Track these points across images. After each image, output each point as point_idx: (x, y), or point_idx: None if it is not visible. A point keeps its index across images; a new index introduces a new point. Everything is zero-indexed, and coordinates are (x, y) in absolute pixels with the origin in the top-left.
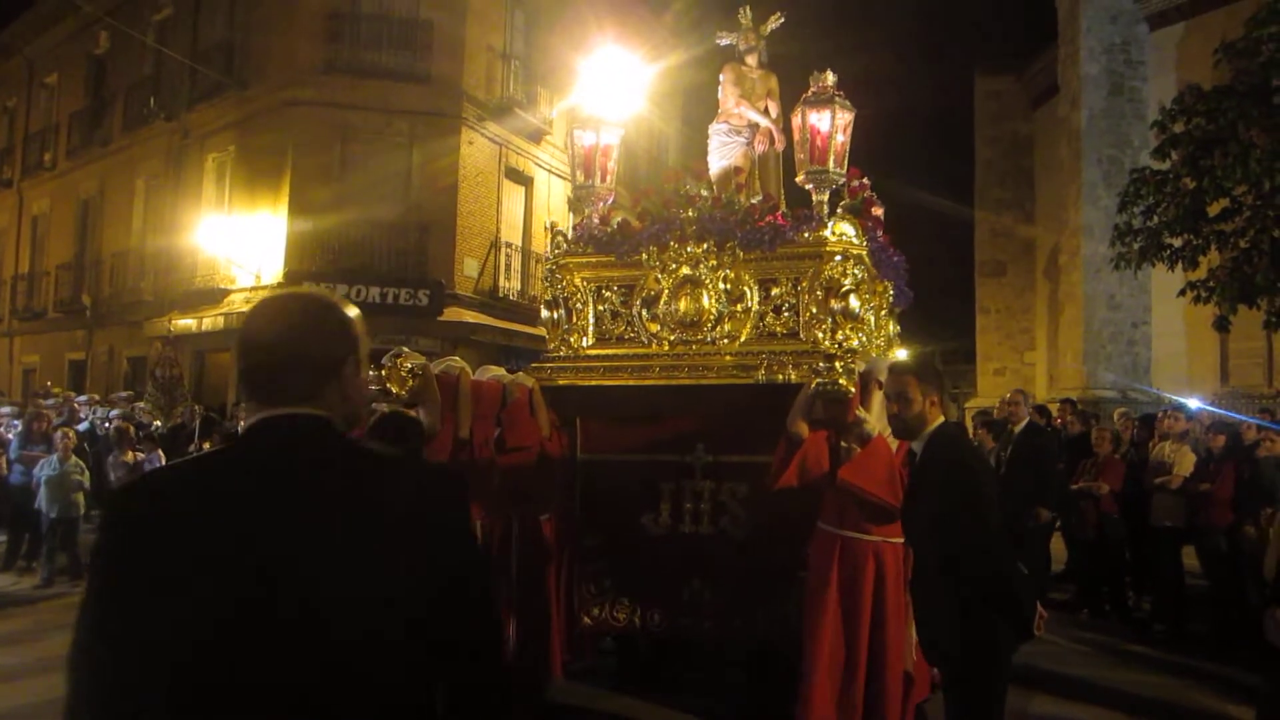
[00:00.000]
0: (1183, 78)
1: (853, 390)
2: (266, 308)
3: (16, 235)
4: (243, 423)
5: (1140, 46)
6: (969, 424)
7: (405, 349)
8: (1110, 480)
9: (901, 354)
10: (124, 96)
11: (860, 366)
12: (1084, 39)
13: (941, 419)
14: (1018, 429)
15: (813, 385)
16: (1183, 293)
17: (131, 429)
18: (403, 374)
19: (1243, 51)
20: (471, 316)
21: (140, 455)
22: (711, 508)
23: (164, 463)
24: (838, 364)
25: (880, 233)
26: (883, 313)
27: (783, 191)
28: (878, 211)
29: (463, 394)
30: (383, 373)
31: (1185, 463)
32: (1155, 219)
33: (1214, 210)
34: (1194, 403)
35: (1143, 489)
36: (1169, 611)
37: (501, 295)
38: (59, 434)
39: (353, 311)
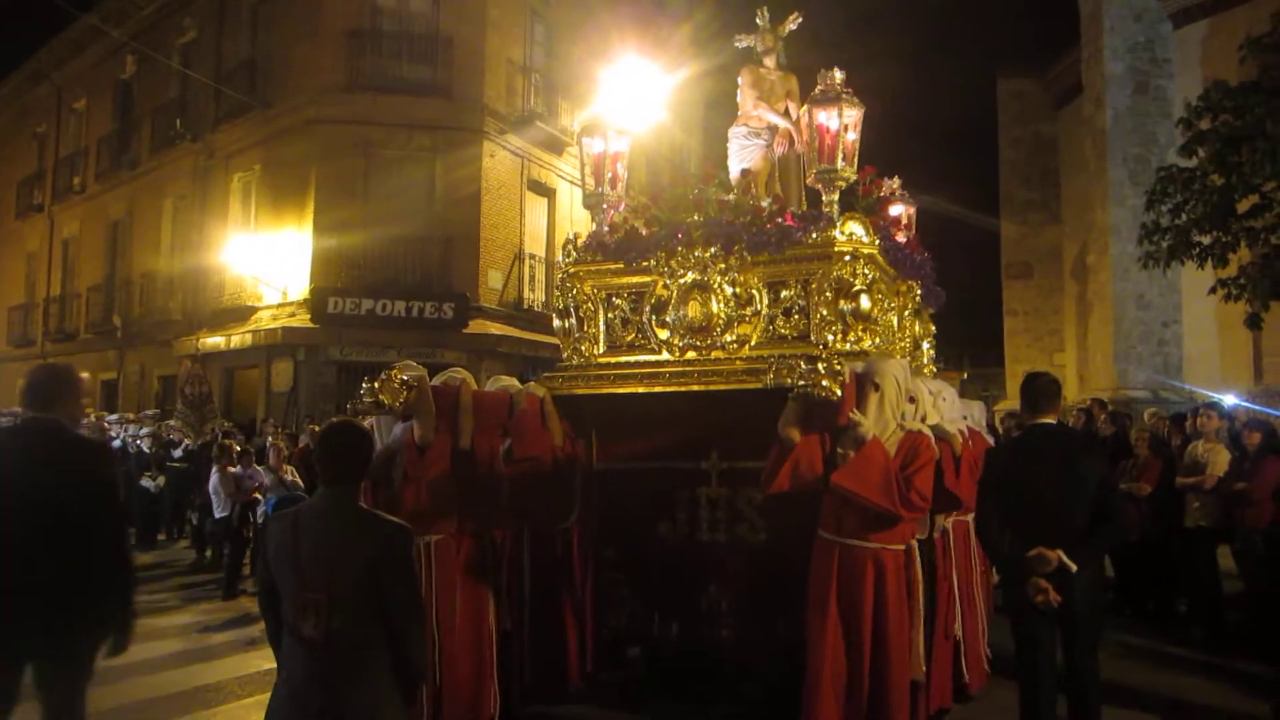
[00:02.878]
0: (1208, 74)
1: (837, 393)
2: None
3: (48, 258)
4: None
5: (1164, 44)
6: (998, 425)
7: (410, 361)
8: (1150, 480)
9: (935, 356)
10: (151, 119)
11: (847, 369)
12: (1107, 38)
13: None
14: None
15: (793, 388)
16: (1213, 290)
17: (235, 446)
18: (395, 386)
19: (1269, 46)
20: (496, 329)
21: (235, 470)
22: (728, 515)
23: (264, 477)
24: (820, 365)
25: (910, 232)
26: (906, 313)
27: (804, 193)
28: (910, 211)
29: (463, 405)
30: (375, 385)
31: (1220, 461)
32: (1183, 217)
33: (1243, 207)
34: (1229, 399)
35: (1175, 489)
36: (1206, 613)
37: (526, 307)
38: None
39: None
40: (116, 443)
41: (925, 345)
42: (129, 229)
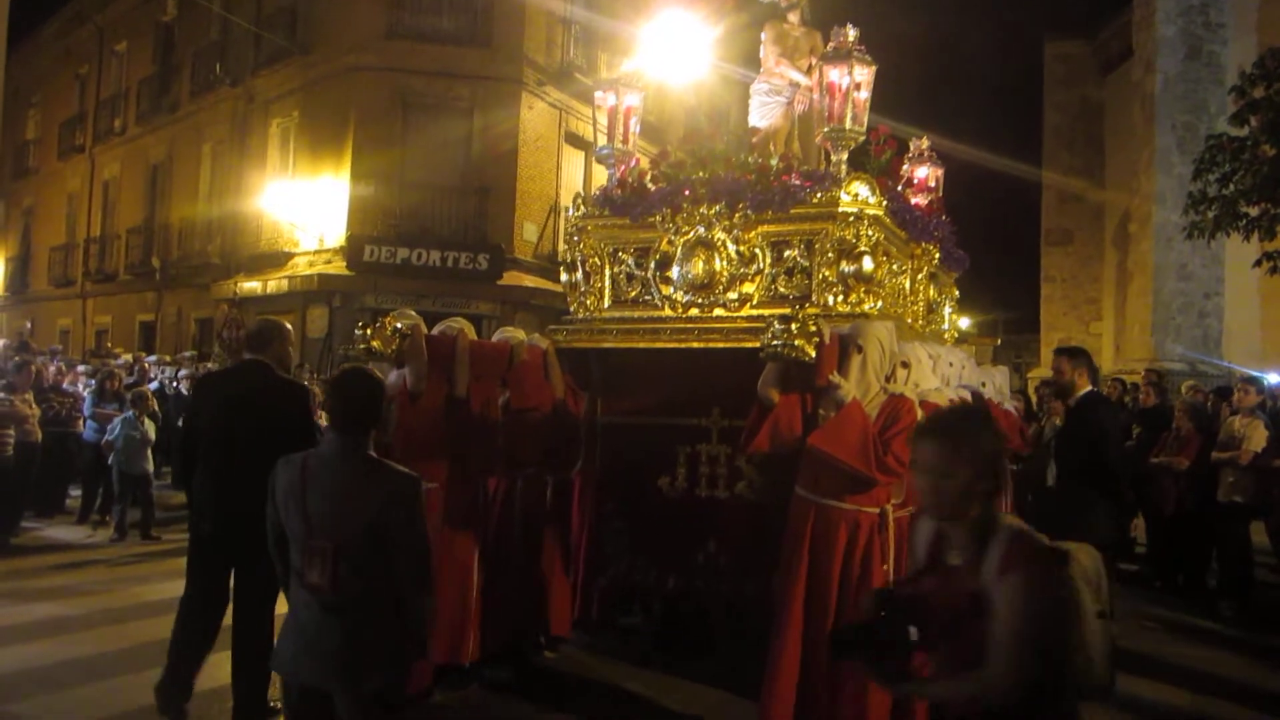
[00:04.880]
0: (1264, 40)
1: (810, 353)
2: None
3: (89, 199)
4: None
5: (1219, 8)
6: (1032, 394)
7: (408, 309)
8: (1189, 455)
9: (960, 323)
10: (191, 62)
11: (828, 329)
12: (1160, 0)
13: (1089, 386)
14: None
15: (765, 347)
16: (1259, 263)
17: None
18: (388, 333)
19: None
20: (530, 281)
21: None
22: (727, 472)
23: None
24: (794, 325)
25: (937, 195)
26: (920, 276)
27: (823, 152)
28: (937, 173)
29: (460, 354)
30: (368, 332)
31: (1257, 437)
32: (1231, 187)
33: None
34: (1273, 377)
35: (1211, 464)
36: (1237, 588)
37: (560, 260)
38: (134, 394)
39: None
40: (154, 384)
41: (947, 310)
42: (168, 172)
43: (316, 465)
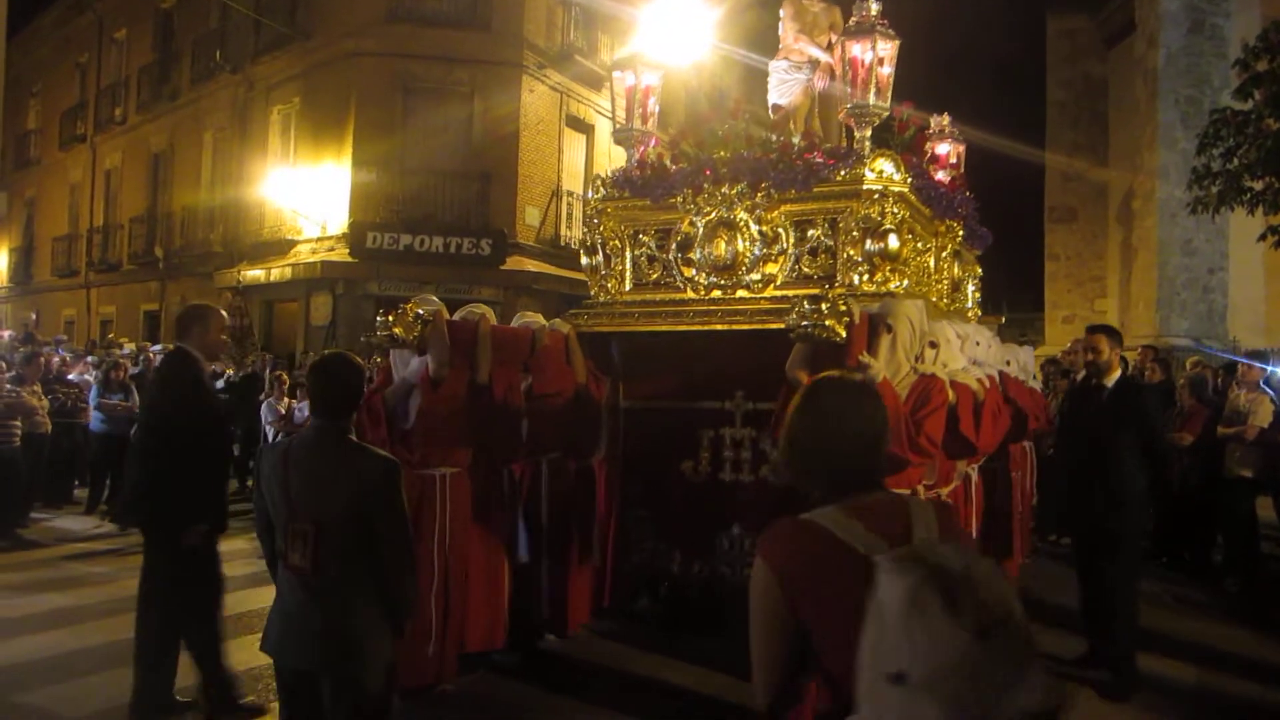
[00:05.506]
0: (1267, 13)
1: (841, 333)
2: None
3: (91, 189)
4: None
5: None
6: (1037, 372)
7: (430, 295)
8: (1193, 430)
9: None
10: (191, 50)
11: (858, 309)
12: None
13: (1119, 368)
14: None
15: (794, 328)
16: (1263, 237)
17: (286, 377)
18: (409, 319)
19: None
20: (534, 265)
21: (292, 402)
22: (751, 455)
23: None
24: (824, 305)
25: (958, 171)
26: (945, 254)
27: (844, 129)
28: (959, 149)
29: (482, 340)
30: (390, 318)
31: (1263, 412)
32: (1235, 161)
33: None
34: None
35: (1217, 439)
36: (1241, 563)
37: (563, 244)
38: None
39: None
40: None
41: (970, 288)
42: (170, 160)
43: (298, 450)
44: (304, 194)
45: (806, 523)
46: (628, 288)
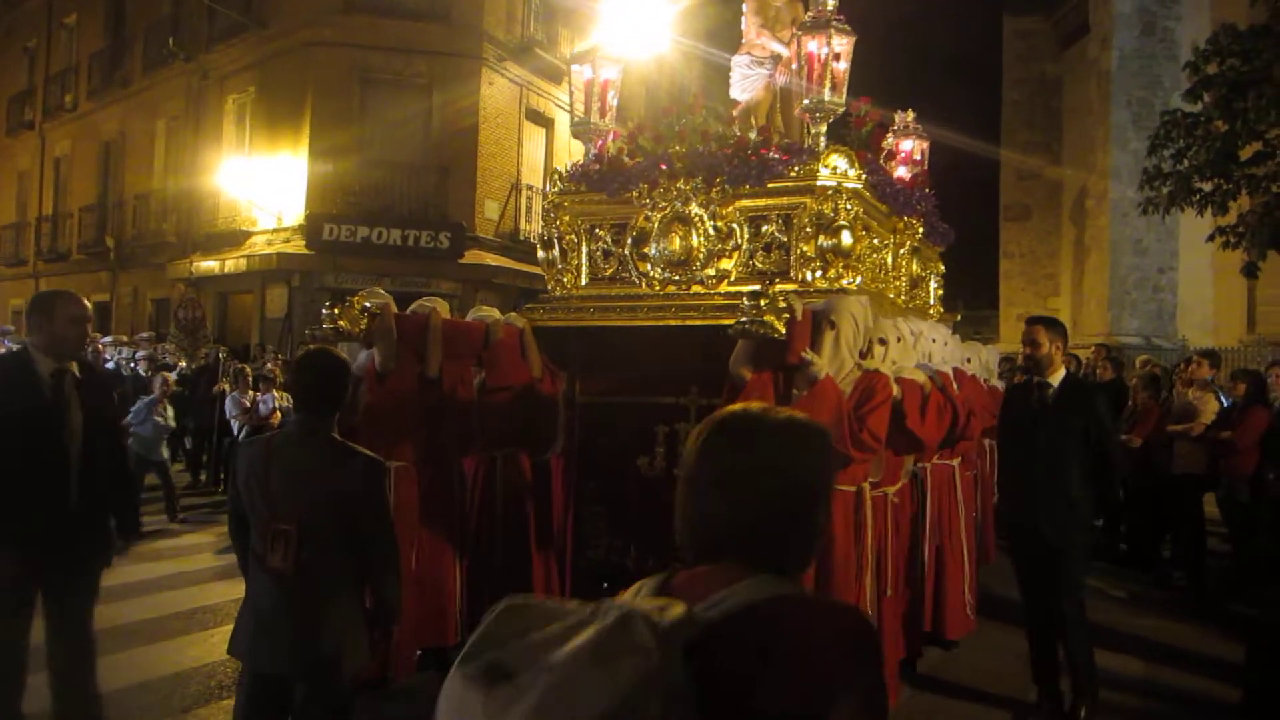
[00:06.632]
0: (1217, 17)
1: (780, 330)
2: None
3: (40, 177)
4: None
5: None
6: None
7: (378, 289)
8: (1143, 431)
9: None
10: (143, 37)
11: (799, 305)
12: None
13: (1063, 365)
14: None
15: (735, 325)
16: (1211, 238)
17: (249, 370)
18: (355, 312)
19: None
20: (492, 259)
21: (256, 394)
22: None
23: (277, 403)
24: (763, 301)
25: (922, 168)
26: (903, 251)
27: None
28: (923, 145)
29: (432, 333)
30: (335, 311)
31: (1208, 410)
32: (1185, 163)
33: (1246, 154)
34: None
35: (1165, 437)
36: (1189, 559)
37: (522, 238)
38: (158, 379)
39: None
40: (110, 365)
41: (933, 285)
42: (121, 149)
43: (281, 446)
44: (259, 185)
45: None
46: (584, 282)
